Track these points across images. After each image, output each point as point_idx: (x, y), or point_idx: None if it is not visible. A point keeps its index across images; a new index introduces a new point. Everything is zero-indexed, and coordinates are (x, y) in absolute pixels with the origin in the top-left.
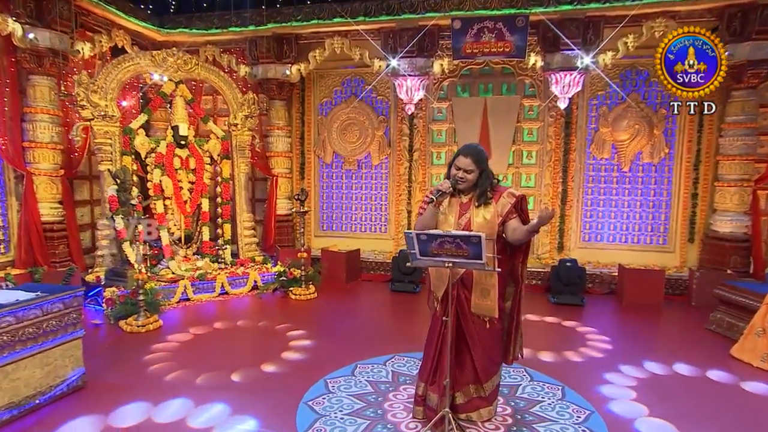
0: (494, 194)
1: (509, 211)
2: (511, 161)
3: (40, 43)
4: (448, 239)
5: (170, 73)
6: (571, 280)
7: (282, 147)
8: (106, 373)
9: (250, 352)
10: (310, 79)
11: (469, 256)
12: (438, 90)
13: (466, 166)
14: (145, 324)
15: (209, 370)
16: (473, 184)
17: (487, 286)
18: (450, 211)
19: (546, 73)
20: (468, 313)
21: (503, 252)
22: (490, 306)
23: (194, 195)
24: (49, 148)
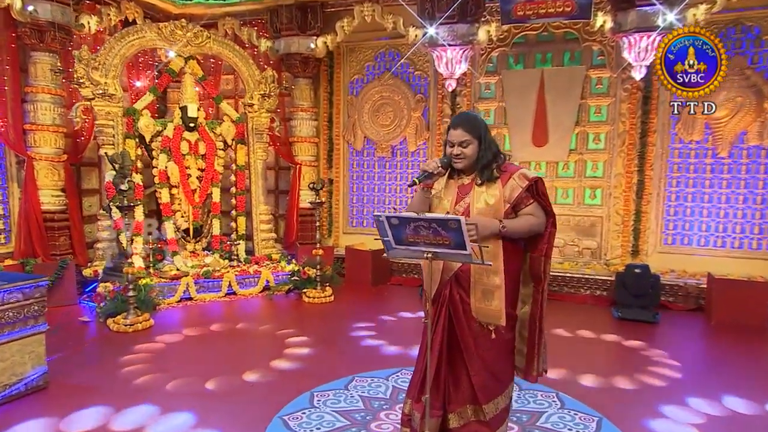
0: (502, 174)
1: (522, 197)
2: (573, 146)
3: (40, 16)
4: (423, 223)
5: (179, 48)
6: (640, 290)
7: (306, 131)
8: (73, 374)
9: (237, 358)
10: (339, 54)
11: (450, 244)
12: (485, 62)
13: (459, 139)
14: (134, 323)
15: (186, 376)
16: (474, 160)
17: (489, 287)
18: (446, 194)
19: (617, 36)
20: (463, 318)
21: (514, 245)
22: (494, 311)
23: (204, 183)
24: (51, 131)
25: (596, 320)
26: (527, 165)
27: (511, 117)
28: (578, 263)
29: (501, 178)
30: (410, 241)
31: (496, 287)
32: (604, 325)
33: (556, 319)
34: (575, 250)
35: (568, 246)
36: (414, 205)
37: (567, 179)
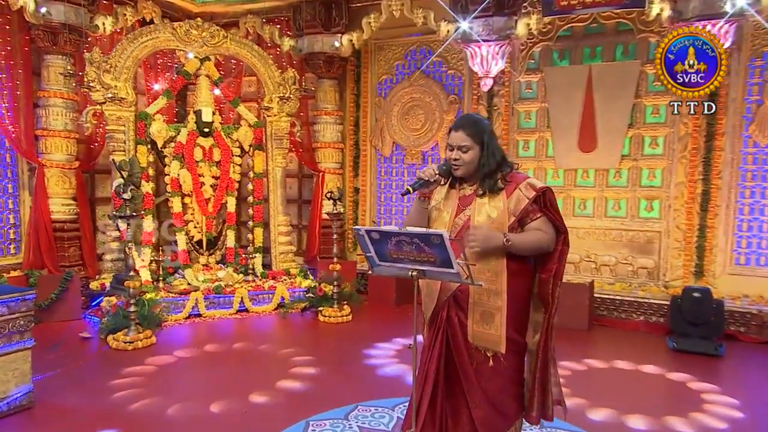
0: (507, 184)
1: (528, 209)
2: (626, 152)
3: (53, 18)
4: (404, 238)
5: (194, 49)
6: (700, 318)
7: (331, 136)
8: (61, 394)
9: (235, 381)
10: (367, 52)
11: (435, 262)
12: (526, 58)
13: (459, 142)
14: (134, 340)
15: (179, 400)
16: (476, 167)
17: (489, 308)
18: (446, 205)
19: (677, 26)
20: (462, 343)
21: (521, 263)
22: (493, 336)
23: (218, 192)
24: (62, 137)
25: (648, 351)
26: (573, 173)
27: (554, 119)
28: (632, 285)
29: (506, 188)
30: (394, 258)
31: (497, 309)
32: (657, 356)
33: (600, 348)
34: (629, 269)
35: (620, 265)
36: (411, 218)
37: (619, 189)
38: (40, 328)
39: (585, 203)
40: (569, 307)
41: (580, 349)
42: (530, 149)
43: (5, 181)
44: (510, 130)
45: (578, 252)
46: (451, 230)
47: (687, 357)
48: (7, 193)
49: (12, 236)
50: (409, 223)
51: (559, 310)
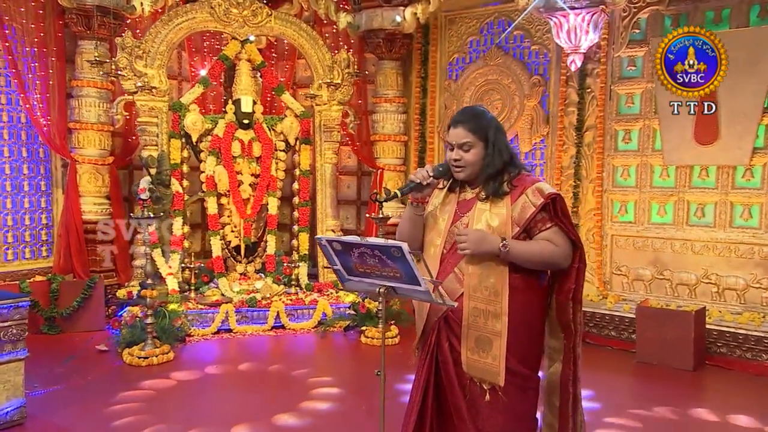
0: (513, 189)
1: (536, 218)
2: (760, 144)
3: (87, 1)
4: (366, 250)
5: (234, 29)
6: None
7: (391, 127)
8: (58, 411)
9: (239, 409)
10: (436, 27)
11: (402, 278)
12: (630, 28)
13: (460, 139)
14: (149, 356)
15: (170, 423)
16: (479, 168)
17: (486, 333)
18: (442, 212)
19: None
20: (454, 373)
21: (529, 279)
22: (491, 366)
23: (258, 192)
24: (95, 130)
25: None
26: (687, 171)
27: (663, 103)
28: (767, 316)
29: (511, 193)
30: (361, 272)
31: (495, 334)
32: None
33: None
34: (764, 295)
35: (751, 289)
36: (402, 227)
37: (750, 191)
38: (59, 339)
39: (703, 209)
40: (669, 340)
41: (680, 393)
42: (632, 141)
43: (38, 178)
44: (606, 118)
45: (694, 271)
46: (445, 240)
47: None
48: (39, 191)
49: (44, 237)
50: (400, 232)
51: (657, 344)
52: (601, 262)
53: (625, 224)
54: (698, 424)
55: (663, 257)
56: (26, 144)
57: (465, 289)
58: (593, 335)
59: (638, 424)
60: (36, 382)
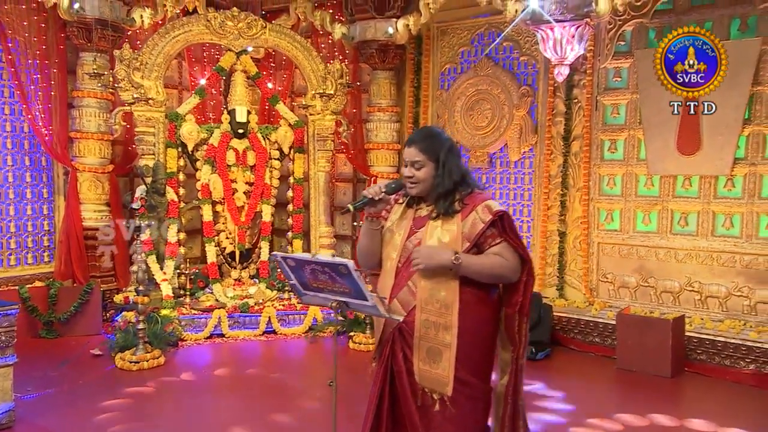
0: (464, 206)
1: (485, 233)
2: (741, 154)
3: (87, 14)
4: (317, 267)
5: (229, 41)
6: None
7: (385, 136)
8: (47, 414)
9: (223, 413)
10: (429, 38)
11: (350, 293)
12: (615, 40)
13: (412, 158)
14: (140, 360)
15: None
16: (430, 186)
17: (437, 344)
18: (399, 227)
19: None
20: (408, 383)
21: (480, 292)
22: (440, 377)
23: (252, 199)
24: (96, 139)
25: (749, 412)
26: (671, 181)
27: (647, 113)
28: (747, 323)
29: (462, 211)
30: (315, 287)
31: (445, 346)
32: (761, 420)
33: (685, 402)
34: (745, 303)
35: (732, 297)
36: (361, 241)
37: (731, 201)
38: (56, 343)
39: (686, 218)
40: (648, 348)
41: (652, 400)
42: (618, 151)
43: (40, 185)
44: (593, 128)
45: (678, 279)
46: (400, 255)
47: None
48: (41, 198)
49: (46, 243)
50: (360, 246)
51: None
52: (588, 270)
53: (611, 232)
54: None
55: (648, 265)
56: (29, 153)
57: (417, 302)
58: (578, 341)
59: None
60: (30, 385)
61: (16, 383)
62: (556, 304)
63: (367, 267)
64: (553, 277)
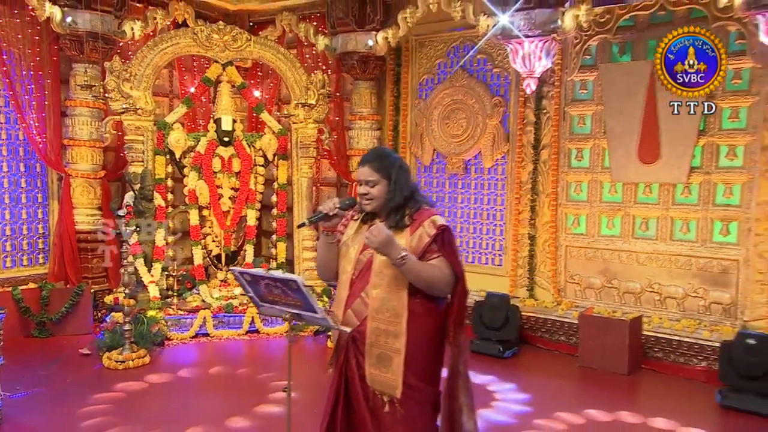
0: (413, 221)
1: (427, 248)
2: (697, 163)
3: (80, 27)
4: (270, 281)
5: (215, 54)
6: (753, 371)
7: (366, 143)
8: (34, 413)
9: (210, 408)
10: (407, 50)
11: (302, 306)
12: (581, 54)
13: (366, 177)
14: (126, 359)
15: (139, 425)
16: (383, 202)
17: (387, 351)
18: (354, 241)
19: (751, 14)
20: (360, 387)
21: (427, 303)
22: (390, 381)
23: (237, 204)
24: (88, 146)
25: (692, 406)
26: (633, 188)
27: (611, 124)
28: (702, 323)
29: (411, 226)
30: (270, 300)
31: (395, 352)
32: (700, 414)
33: (636, 398)
34: (700, 303)
35: (689, 297)
36: (318, 253)
37: (687, 207)
38: (48, 342)
39: (647, 223)
40: (608, 346)
41: (607, 396)
42: (584, 159)
43: (35, 190)
44: (561, 137)
45: (639, 280)
46: (355, 267)
47: (737, 417)
48: (36, 203)
49: (41, 246)
50: (318, 258)
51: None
52: (556, 271)
53: (577, 236)
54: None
55: (611, 267)
56: (24, 159)
57: (368, 312)
58: (545, 340)
59: (562, 426)
60: (20, 384)
61: (7, 382)
62: (526, 304)
63: (324, 278)
64: (524, 278)
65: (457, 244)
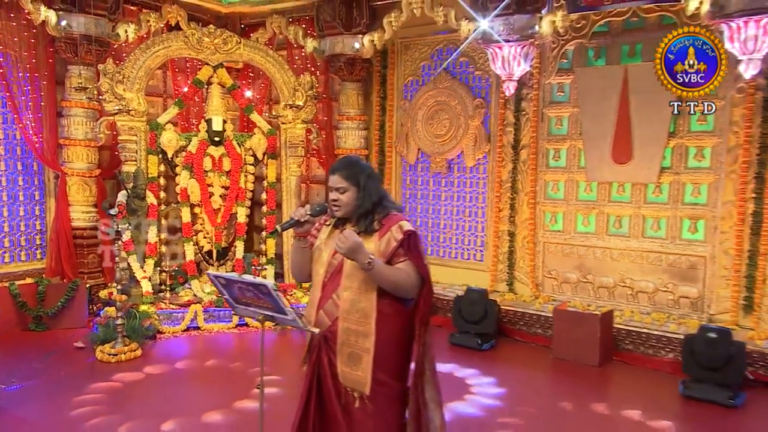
0: (382, 227)
1: (395, 252)
2: (667, 164)
3: (74, 30)
4: (243, 285)
5: (206, 56)
6: (713, 362)
7: (353, 142)
8: (28, 405)
9: (198, 399)
10: (393, 52)
11: (273, 308)
12: (558, 58)
13: (336, 184)
14: (118, 353)
15: (133, 417)
16: (353, 208)
17: (357, 350)
18: (326, 246)
19: (716, 22)
20: (332, 384)
21: (396, 304)
22: (360, 378)
23: (227, 202)
24: (83, 146)
25: (657, 396)
26: (607, 187)
27: (586, 126)
28: (671, 316)
29: (380, 230)
30: (244, 302)
31: (364, 351)
32: (664, 403)
33: (604, 391)
34: (669, 298)
35: (659, 292)
36: (292, 257)
37: (658, 206)
38: (44, 335)
39: (620, 221)
40: (580, 339)
41: (574, 386)
42: (561, 159)
43: (32, 188)
44: (539, 138)
45: (612, 275)
46: (327, 270)
47: (698, 406)
48: (34, 200)
49: (38, 242)
50: (291, 262)
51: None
52: (534, 267)
53: (554, 233)
54: (599, 418)
55: (587, 263)
56: (21, 158)
57: (339, 313)
58: (522, 333)
59: (530, 418)
60: (15, 377)
61: (4, 375)
62: (506, 298)
63: (298, 279)
64: (504, 273)
65: (423, 248)
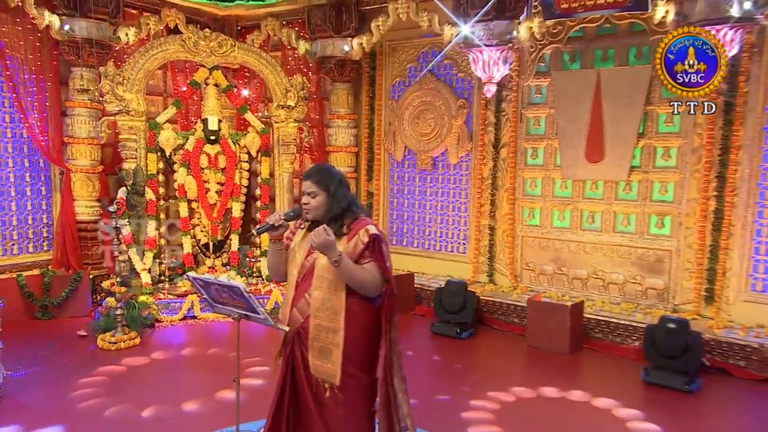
0: (350, 230)
1: (361, 254)
2: (636, 163)
3: (77, 34)
4: (219, 287)
5: (202, 59)
6: (672, 350)
7: (343, 140)
8: (32, 390)
9: (189, 385)
10: (381, 54)
11: (246, 308)
12: (536, 61)
13: (308, 189)
14: (118, 341)
15: (125, 402)
16: (323, 212)
17: (328, 345)
18: (300, 248)
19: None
20: (304, 376)
21: (364, 303)
22: (330, 370)
23: (223, 198)
24: (86, 143)
25: (620, 383)
26: (581, 184)
27: (561, 126)
28: (639, 306)
29: (349, 234)
30: (221, 301)
31: (334, 346)
32: (625, 390)
33: (571, 377)
34: (638, 289)
35: (629, 284)
36: (268, 259)
37: (628, 203)
38: (50, 324)
39: (593, 216)
40: (552, 328)
41: (543, 372)
42: (539, 157)
43: (39, 184)
44: (518, 137)
45: (585, 268)
46: (300, 271)
47: (658, 392)
48: (40, 195)
49: (45, 235)
50: (268, 263)
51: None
52: (513, 259)
53: (532, 227)
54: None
55: (562, 256)
56: (28, 156)
57: (311, 310)
58: (500, 322)
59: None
60: (21, 363)
61: (11, 361)
62: (486, 288)
63: (276, 279)
64: (484, 265)
65: (387, 251)
